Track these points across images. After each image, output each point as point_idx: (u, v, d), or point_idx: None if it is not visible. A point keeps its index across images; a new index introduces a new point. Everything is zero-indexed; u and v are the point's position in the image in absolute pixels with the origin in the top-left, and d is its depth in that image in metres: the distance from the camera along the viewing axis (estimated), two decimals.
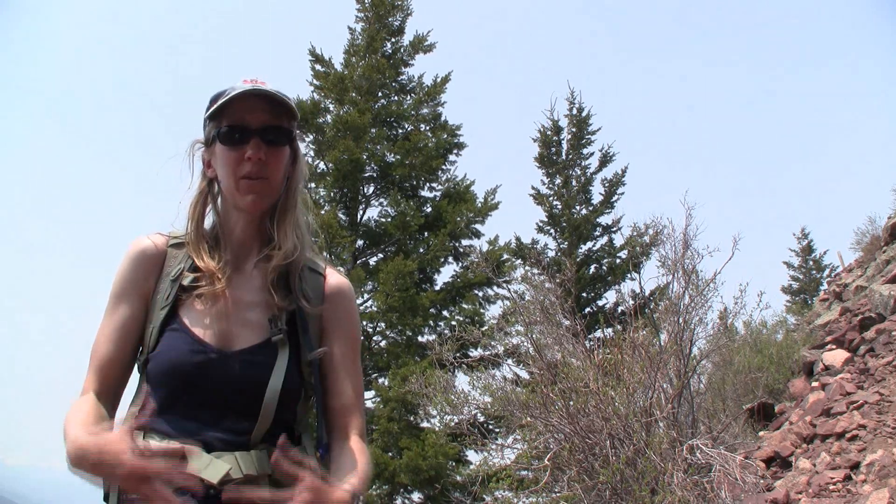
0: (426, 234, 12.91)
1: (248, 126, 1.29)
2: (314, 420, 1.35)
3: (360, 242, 13.13)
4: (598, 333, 9.05)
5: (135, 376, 1.31)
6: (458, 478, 10.14)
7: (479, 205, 13.12)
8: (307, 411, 1.35)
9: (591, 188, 15.56)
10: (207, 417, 1.19)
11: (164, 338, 1.24)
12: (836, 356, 6.50)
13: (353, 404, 1.35)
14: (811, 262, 26.67)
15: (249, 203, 1.30)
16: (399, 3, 14.70)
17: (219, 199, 1.38)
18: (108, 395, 1.24)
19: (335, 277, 1.43)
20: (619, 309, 9.31)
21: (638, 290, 7.27)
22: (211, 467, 1.13)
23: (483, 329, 8.63)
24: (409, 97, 14.53)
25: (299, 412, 1.30)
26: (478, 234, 13.22)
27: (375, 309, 11.90)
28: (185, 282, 1.28)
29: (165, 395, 1.20)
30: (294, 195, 1.38)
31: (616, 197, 15.33)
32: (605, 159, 15.65)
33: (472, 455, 9.91)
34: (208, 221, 1.38)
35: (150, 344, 1.24)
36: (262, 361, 1.24)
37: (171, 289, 1.28)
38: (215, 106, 1.29)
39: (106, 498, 1.17)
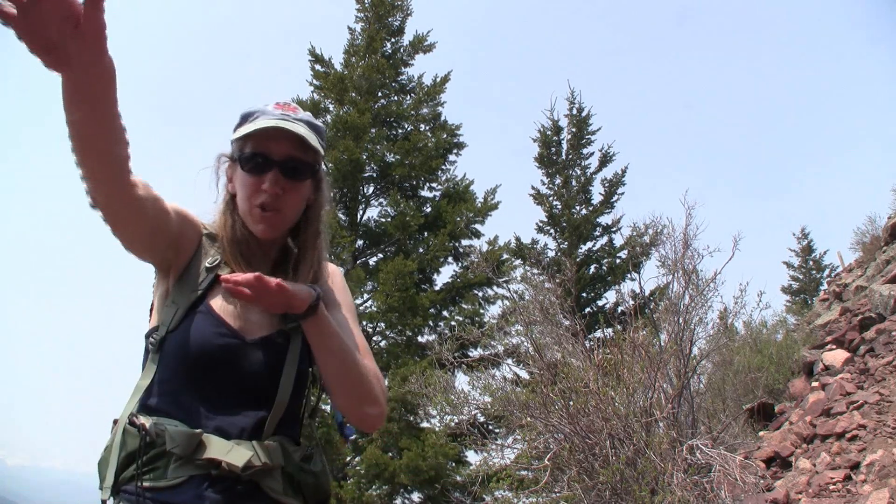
0: (426, 234, 12.91)
1: (269, 156, 1.29)
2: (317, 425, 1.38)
3: (359, 242, 13.14)
4: (598, 333, 9.05)
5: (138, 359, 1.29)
6: (458, 478, 10.14)
7: (479, 205, 13.13)
8: (319, 400, 1.38)
9: (591, 188, 15.57)
10: (221, 402, 1.19)
11: (188, 319, 1.23)
12: (836, 356, 6.49)
13: (364, 350, 1.37)
14: (811, 262, 26.68)
15: (260, 232, 1.32)
16: (399, 3, 14.70)
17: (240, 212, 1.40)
18: (137, 191, 1.15)
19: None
20: (619, 309, 9.30)
21: (638, 290, 7.27)
22: (233, 453, 1.13)
23: (483, 329, 8.62)
24: (408, 97, 14.53)
25: (308, 401, 1.33)
26: (478, 234, 13.23)
27: (375, 309, 11.90)
28: (224, 273, 1.27)
29: (184, 376, 1.20)
30: (315, 228, 1.39)
31: (616, 197, 15.34)
32: (605, 159, 15.65)
33: (472, 455, 9.92)
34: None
35: (171, 323, 1.23)
36: (278, 350, 1.26)
37: (207, 276, 1.28)
38: (240, 133, 1.30)
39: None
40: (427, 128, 14.11)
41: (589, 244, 15.21)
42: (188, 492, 1.11)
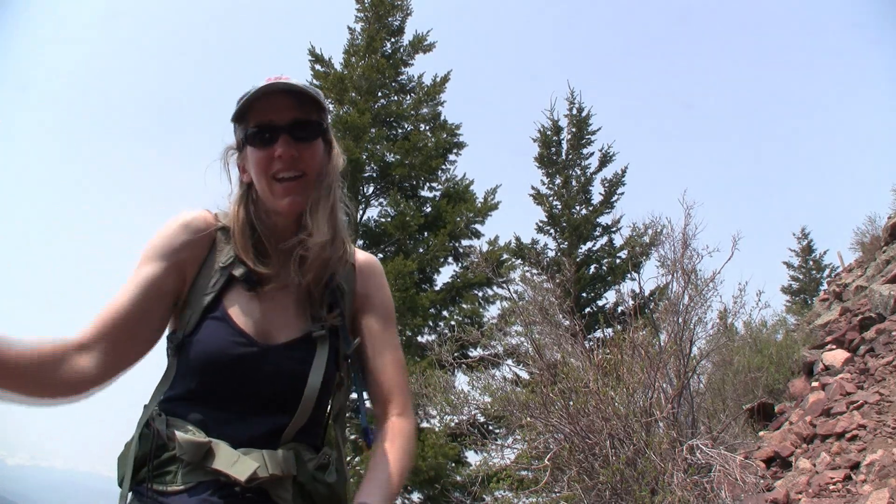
0: (426, 234, 12.92)
1: (275, 124, 1.23)
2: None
3: (359, 242, 13.13)
4: (598, 333, 9.05)
5: (162, 358, 1.27)
6: (458, 478, 10.14)
7: (479, 205, 13.14)
8: (344, 403, 1.34)
9: (591, 188, 15.58)
10: (239, 411, 1.17)
11: (205, 324, 1.20)
12: (836, 356, 6.49)
13: (395, 379, 1.31)
14: (811, 262, 26.70)
15: (287, 205, 1.24)
16: (399, 3, 14.71)
17: (259, 202, 1.32)
18: (102, 340, 1.12)
19: (362, 255, 1.41)
20: (619, 309, 9.31)
21: (638, 290, 7.27)
22: (239, 464, 1.11)
23: (482, 329, 8.62)
24: (408, 97, 14.54)
25: (334, 405, 1.29)
26: (477, 234, 13.24)
27: None
28: (238, 272, 1.24)
29: (199, 382, 1.18)
30: (328, 185, 1.30)
31: (616, 197, 15.35)
32: (605, 159, 15.66)
33: (472, 455, 9.92)
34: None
35: (188, 328, 1.20)
36: (301, 357, 1.22)
37: (220, 276, 1.24)
38: (237, 108, 1.24)
39: (121, 483, 1.16)
40: (427, 127, 14.12)
41: (589, 244, 15.22)
42: (195, 497, 1.10)
